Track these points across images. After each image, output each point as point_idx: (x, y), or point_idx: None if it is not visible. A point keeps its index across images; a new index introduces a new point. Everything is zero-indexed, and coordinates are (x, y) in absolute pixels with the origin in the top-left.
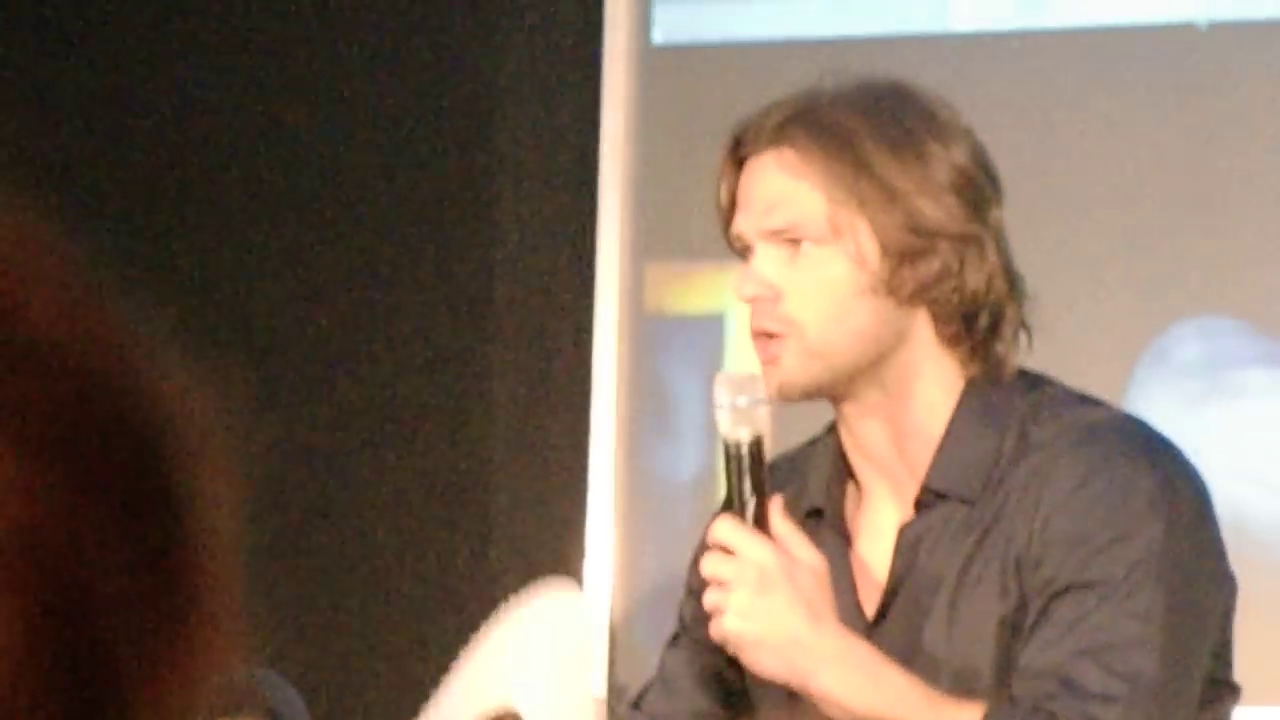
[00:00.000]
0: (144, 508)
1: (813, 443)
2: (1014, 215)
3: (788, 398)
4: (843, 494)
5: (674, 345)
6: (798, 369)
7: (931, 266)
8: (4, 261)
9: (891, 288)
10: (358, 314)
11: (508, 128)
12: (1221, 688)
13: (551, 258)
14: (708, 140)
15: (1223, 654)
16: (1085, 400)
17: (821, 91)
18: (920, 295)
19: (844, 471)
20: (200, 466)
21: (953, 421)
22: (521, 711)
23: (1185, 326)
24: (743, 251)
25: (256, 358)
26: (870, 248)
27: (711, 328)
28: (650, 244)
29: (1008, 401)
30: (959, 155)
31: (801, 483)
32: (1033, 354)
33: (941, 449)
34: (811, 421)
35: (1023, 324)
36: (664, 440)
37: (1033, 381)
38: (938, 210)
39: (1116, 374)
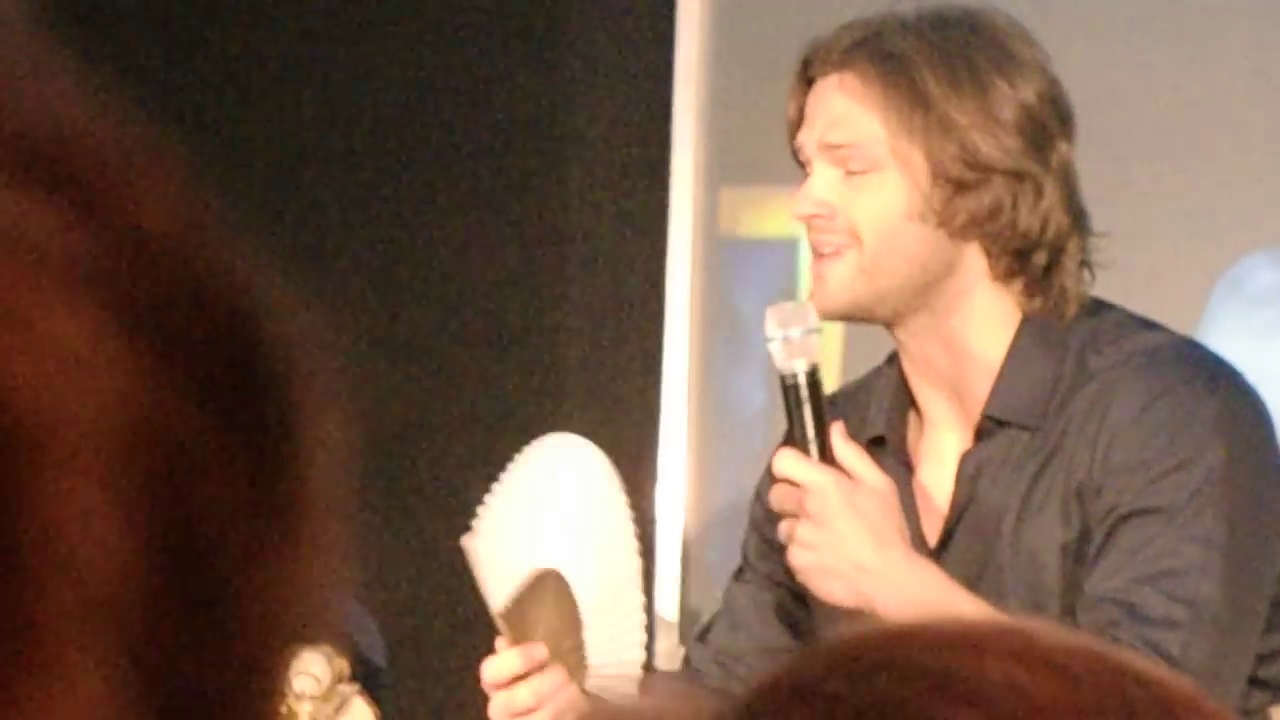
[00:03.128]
0: (251, 413)
1: (875, 373)
2: (1087, 143)
3: (831, 315)
4: (904, 422)
5: (747, 270)
6: (844, 287)
7: (983, 200)
8: (119, 153)
9: (943, 218)
10: (431, 244)
11: (582, 53)
12: None
13: (625, 183)
14: (781, 65)
15: None
16: (1145, 325)
17: (892, 17)
18: (971, 228)
19: (906, 400)
20: (306, 388)
21: (1012, 349)
22: (560, 567)
23: (1259, 256)
24: (804, 165)
25: (336, 293)
26: (923, 177)
27: (785, 252)
28: (724, 168)
29: (1067, 328)
30: (1025, 92)
31: (863, 412)
32: (1106, 285)
33: (1001, 377)
34: (879, 354)
35: (1088, 260)
36: (737, 366)
37: (1092, 308)
38: (993, 145)
39: (1190, 304)
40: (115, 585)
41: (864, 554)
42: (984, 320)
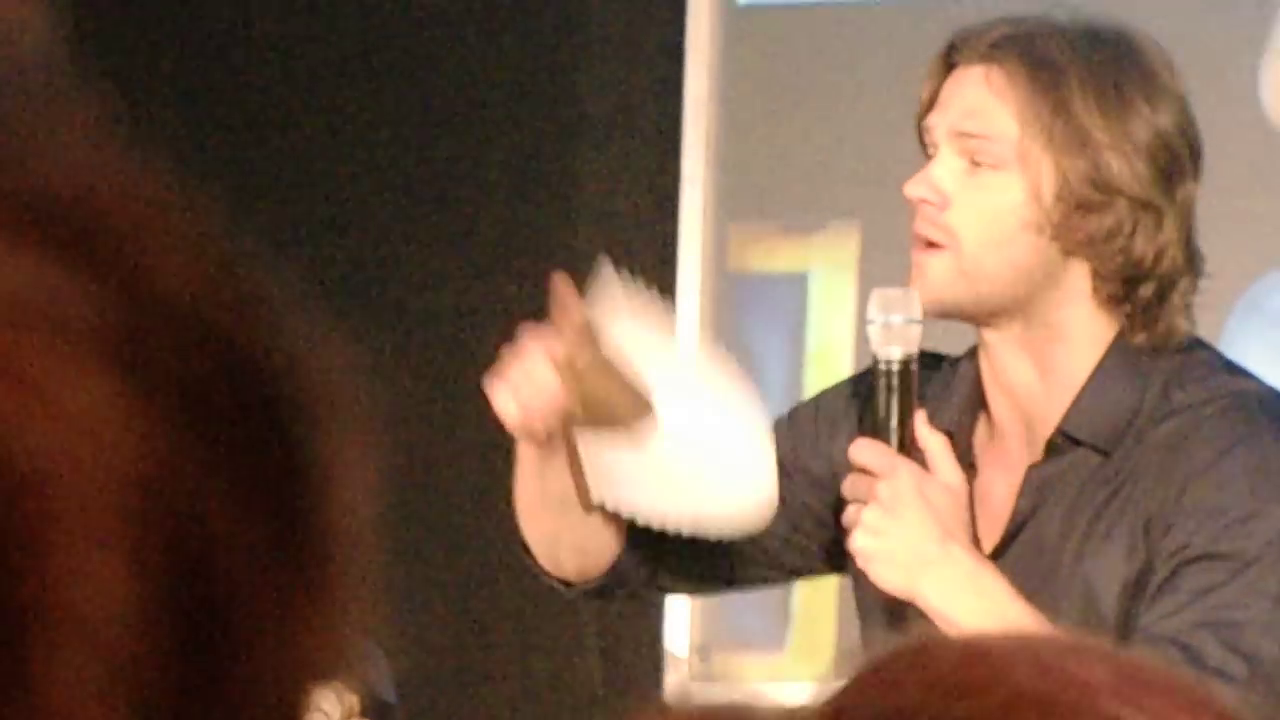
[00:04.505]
0: (268, 466)
1: (958, 363)
2: None
3: (927, 313)
4: (974, 424)
5: (757, 306)
6: (943, 285)
7: (1103, 222)
8: (134, 209)
9: (1058, 232)
10: (438, 275)
11: (591, 88)
12: None
13: (634, 218)
14: (791, 101)
15: None
16: (1233, 368)
17: (1046, 22)
18: (1085, 247)
19: (978, 402)
20: (328, 429)
21: (1097, 370)
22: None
23: (1277, 275)
24: (926, 150)
25: (343, 324)
26: (1048, 187)
27: (794, 288)
28: (733, 204)
29: (1155, 359)
30: (1164, 120)
31: (943, 400)
32: None
33: (1082, 395)
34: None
35: (1192, 300)
36: None
37: (1186, 344)
38: (1125, 169)
39: (1210, 323)
40: (127, 648)
41: (927, 545)
42: (1076, 340)
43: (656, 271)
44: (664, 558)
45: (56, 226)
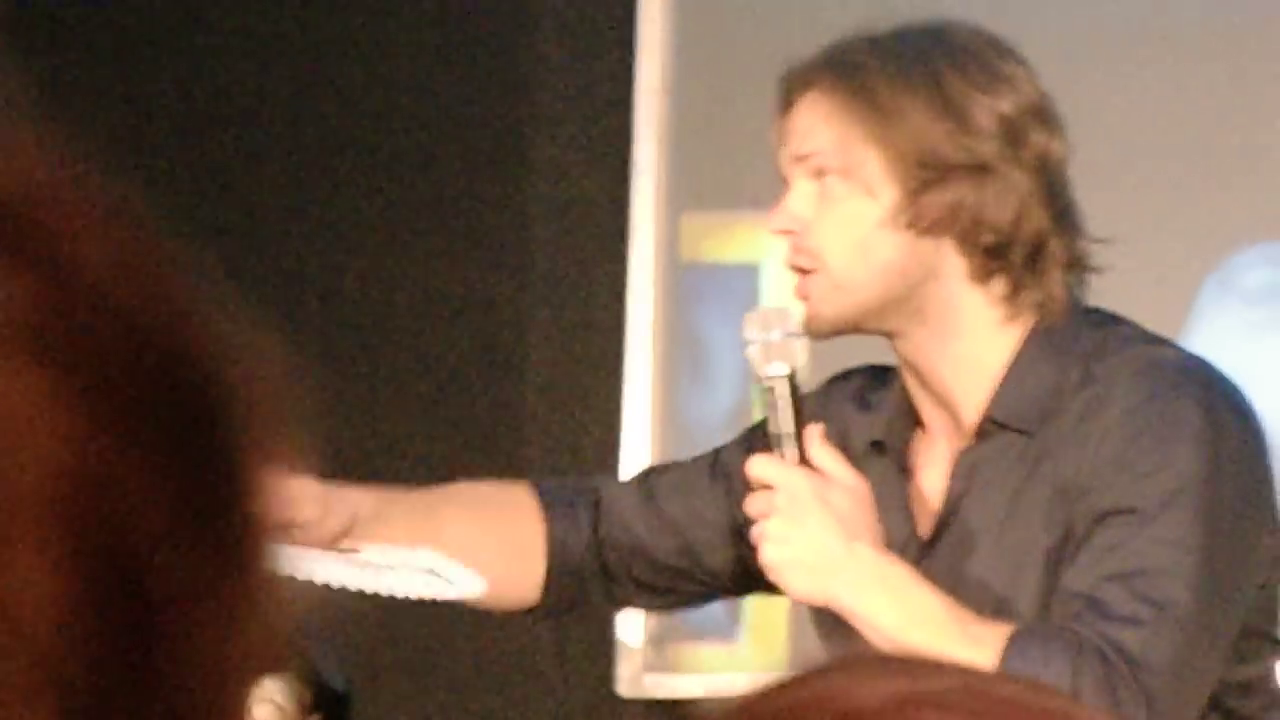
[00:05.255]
0: (195, 459)
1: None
2: (1074, 140)
3: (818, 334)
4: (909, 429)
5: (709, 294)
6: (823, 303)
7: (945, 198)
8: (63, 205)
9: (909, 220)
10: (391, 264)
11: (543, 76)
12: (1262, 641)
13: (587, 207)
14: (744, 88)
15: (1267, 606)
16: (1153, 339)
17: (859, 35)
18: (940, 228)
19: (909, 410)
20: (253, 420)
21: (1018, 356)
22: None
23: (1250, 253)
24: (786, 185)
25: (289, 313)
26: (882, 180)
27: (746, 277)
28: (685, 193)
29: (1074, 338)
30: (1003, 104)
31: (876, 413)
32: (1095, 280)
33: (1005, 381)
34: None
35: (1079, 261)
36: (699, 389)
37: (1103, 320)
38: (949, 142)
39: (1179, 300)
40: (56, 645)
41: (833, 547)
42: (977, 327)
43: (609, 262)
44: (615, 578)
45: None
